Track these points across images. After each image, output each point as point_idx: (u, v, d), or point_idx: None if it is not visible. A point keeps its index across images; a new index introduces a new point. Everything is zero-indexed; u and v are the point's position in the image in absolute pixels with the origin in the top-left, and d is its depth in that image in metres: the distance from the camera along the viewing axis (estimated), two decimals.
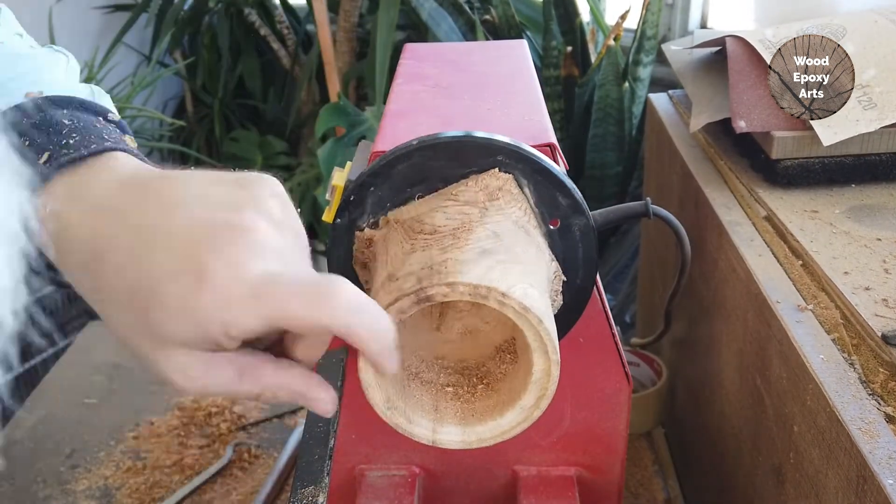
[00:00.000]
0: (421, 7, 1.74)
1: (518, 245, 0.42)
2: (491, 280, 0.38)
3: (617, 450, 0.56)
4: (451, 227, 0.41)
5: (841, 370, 0.47)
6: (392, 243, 0.43)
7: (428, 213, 0.43)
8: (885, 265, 0.56)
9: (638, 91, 1.66)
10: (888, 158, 0.68)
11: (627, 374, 0.54)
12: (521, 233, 0.43)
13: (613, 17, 1.73)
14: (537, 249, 0.43)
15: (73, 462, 0.83)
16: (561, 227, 0.45)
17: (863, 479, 0.41)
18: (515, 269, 0.39)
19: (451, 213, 0.42)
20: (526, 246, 0.42)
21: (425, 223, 0.42)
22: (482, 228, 0.41)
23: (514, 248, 0.41)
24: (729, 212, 0.67)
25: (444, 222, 0.42)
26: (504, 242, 0.41)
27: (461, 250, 0.39)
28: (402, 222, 0.43)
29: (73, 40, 1.95)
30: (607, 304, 0.52)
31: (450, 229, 0.41)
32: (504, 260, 0.40)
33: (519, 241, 0.42)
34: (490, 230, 0.41)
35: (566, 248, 0.45)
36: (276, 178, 0.40)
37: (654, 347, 0.93)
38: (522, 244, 0.42)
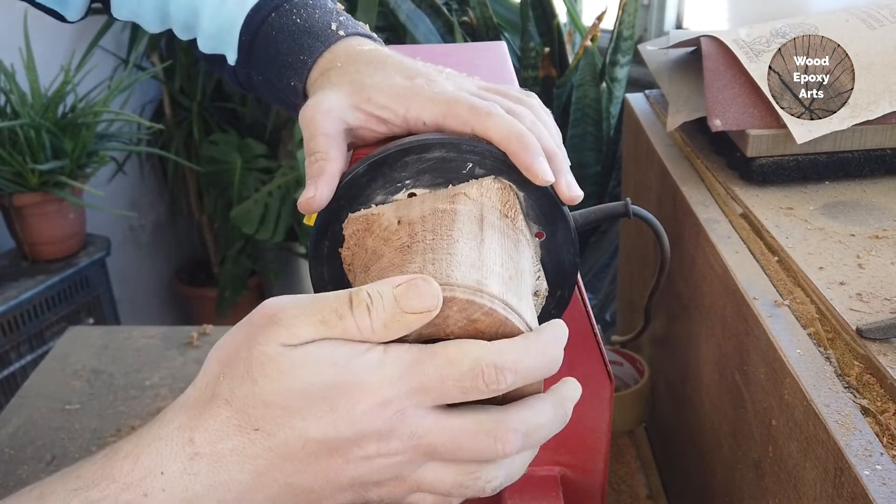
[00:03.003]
0: (399, 9, 1.74)
1: (512, 247, 0.42)
2: (482, 284, 0.38)
3: (600, 449, 0.57)
4: (439, 229, 0.41)
5: (817, 364, 0.48)
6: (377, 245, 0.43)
7: (415, 215, 0.43)
8: (859, 260, 0.57)
9: (615, 91, 1.67)
10: (860, 156, 0.69)
11: (609, 373, 0.54)
12: (511, 234, 0.43)
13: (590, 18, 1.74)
14: (529, 252, 0.44)
15: (54, 468, 0.82)
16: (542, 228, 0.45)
17: (840, 470, 0.42)
18: (506, 274, 0.40)
19: (438, 214, 0.42)
20: (520, 250, 0.42)
21: (413, 224, 0.42)
22: (474, 231, 0.41)
23: (509, 251, 0.41)
24: (706, 209, 0.68)
25: (432, 224, 0.42)
26: (498, 245, 0.41)
27: (453, 254, 0.39)
28: (388, 224, 0.43)
29: (49, 44, 1.93)
30: (588, 304, 0.52)
31: (438, 232, 0.41)
32: (499, 263, 0.40)
33: (512, 244, 0.42)
34: (481, 233, 0.41)
35: (547, 249, 0.46)
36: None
37: (635, 345, 0.94)
38: (515, 247, 0.42)
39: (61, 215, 1.76)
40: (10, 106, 1.68)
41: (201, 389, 0.35)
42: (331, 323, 0.35)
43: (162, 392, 0.94)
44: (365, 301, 0.34)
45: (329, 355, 0.34)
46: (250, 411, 0.34)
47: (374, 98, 0.47)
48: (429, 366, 0.34)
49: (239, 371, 0.35)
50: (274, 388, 0.34)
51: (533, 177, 0.42)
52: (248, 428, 0.34)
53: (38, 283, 1.69)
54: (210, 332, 1.06)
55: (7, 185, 1.67)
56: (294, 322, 0.34)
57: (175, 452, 0.34)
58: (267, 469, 0.34)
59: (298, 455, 0.34)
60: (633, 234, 1.00)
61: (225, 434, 0.34)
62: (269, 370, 0.34)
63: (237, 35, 0.56)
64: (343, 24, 0.53)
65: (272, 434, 0.34)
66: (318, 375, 0.34)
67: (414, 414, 0.34)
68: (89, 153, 1.78)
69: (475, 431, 0.35)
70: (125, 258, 2.27)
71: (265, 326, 0.35)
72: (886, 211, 0.64)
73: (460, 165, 0.43)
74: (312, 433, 0.34)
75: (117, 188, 2.20)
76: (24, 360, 1.68)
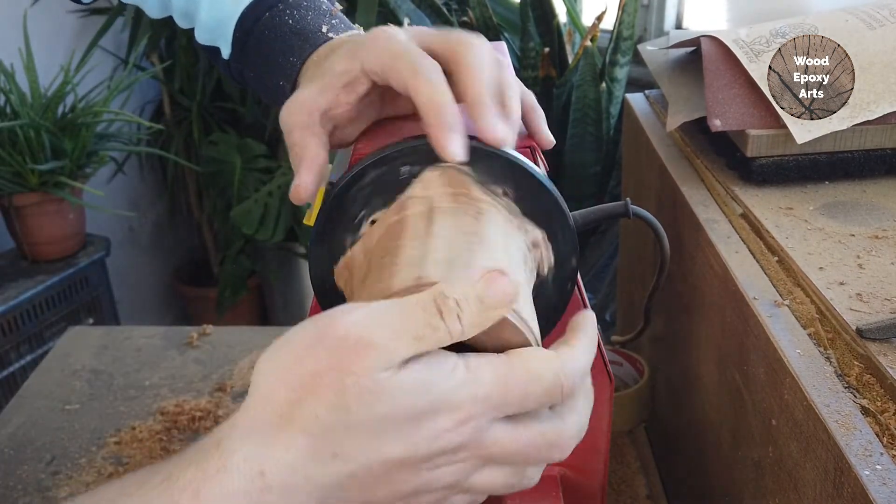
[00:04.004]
0: (399, 9, 1.74)
1: (472, 221, 0.42)
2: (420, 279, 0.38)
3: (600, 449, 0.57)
4: (391, 243, 0.41)
5: (817, 364, 0.48)
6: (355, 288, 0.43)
7: (373, 242, 0.43)
8: (859, 260, 0.57)
9: (615, 91, 1.67)
10: (860, 156, 0.69)
11: (609, 373, 0.54)
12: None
13: (590, 18, 1.74)
14: (498, 215, 0.43)
15: (53, 468, 0.82)
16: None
17: (840, 470, 0.42)
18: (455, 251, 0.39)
19: (391, 230, 0.42)
20: (483, 218, 0.42)
21: (371, 252, 0.42)
22: (420, 229, 0.41)
23: (467, 225, 0.41)
24: (706, 210, 0.68)
25: (385, 243, 0.42)
26: (450, 229, 0.41)
27: (396, 263, 0.39)
28: (359, 262, 0.43)
29: (48, 44, 1.93)
30: (588, 304, 0.52)
31: (389, 247, 0.41)
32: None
33: (471, 218, 0.42)
34: (430, 226, 0.41)
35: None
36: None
37: (635, 345, 0.94)
38: (476, 218, 0.42)
39: (61, 215, 1.76)
40: (10, 106, 1.68)
41: (266, 413, 0.33)
42: (426, 338, 0.33)
43: (162, 392, 0.94)
44: (455, 310, 0.33)
45: (423, 380, 0.33)
46: (331, 437, 0.32)
47: (334, 67, 0.47)
48: (513, 382, 0.34)
49: (326, 399, 0.32)
50: (368, 416, 0.32)
51: (440, 152, 0.41)
52: (325, 455, 0.32)
53: (37, 283, 1.69)
54: (210, 333, 1.06)
55: (7, 185, 1.67)
56: (389, 344, 0.32)
57: (244, 488, 0.32)
58: (335, 492, 0.33)
59: (372, 476, 0.33)
60: (633, 234, 1.00)
61: (300, 465, 0.32)
62: (366, 400, 0.32)
63: (232, 30, 0.57)
64: (334, 27, 0.54)
65: (353, 459, 0.33)
66: (411, 400, 0.33)
67: (487, 427, 0.34)
68: (89, 153, 1.78)
69: (541, 443, 0.36)
70: (125, 258, 2.27)
71: (358, 352, 0.32)
72: (886, 211, 0.64)
73: (396, 174, 0.43)
74: (393, 454, 0.33)
75: (117, 188, 2.20)
76: (24, 360, 1.68)
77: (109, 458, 0.84)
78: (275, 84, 0.54)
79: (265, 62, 0.55)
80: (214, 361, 1.00)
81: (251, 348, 1.03)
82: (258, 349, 1.02)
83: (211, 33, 0.59)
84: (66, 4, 2.01)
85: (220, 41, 0.59)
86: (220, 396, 0.93)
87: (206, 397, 0.93)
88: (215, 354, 1.02)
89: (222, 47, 0.59)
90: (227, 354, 1.01)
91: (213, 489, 0.31)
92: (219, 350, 1.03)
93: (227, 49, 0.58)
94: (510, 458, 0.36)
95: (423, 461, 0.34)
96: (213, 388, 0.94)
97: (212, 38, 0.59)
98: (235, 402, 0.92)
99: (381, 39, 0.45)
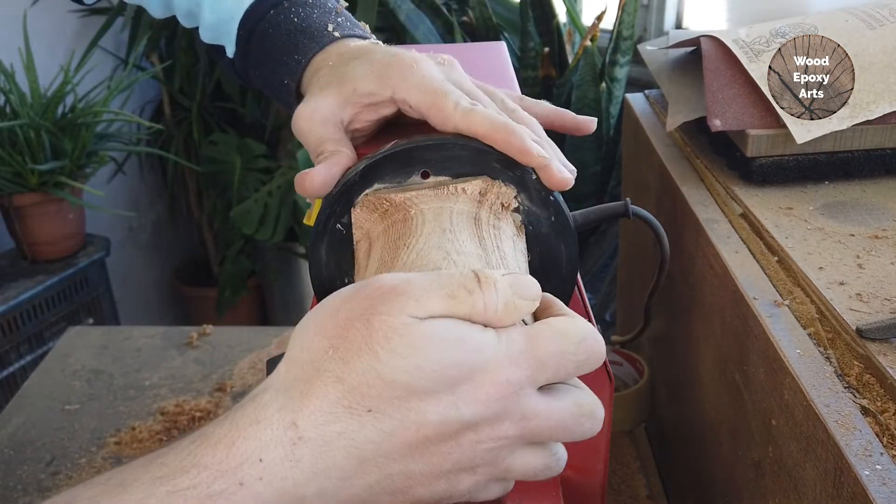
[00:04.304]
0: (399, 9, 1.74)
1: (505, 248, 0.42)
2: None
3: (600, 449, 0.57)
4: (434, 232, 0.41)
5: (817, 364, 0.48)
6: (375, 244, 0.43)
7: (428, 206, 0.43)
8: (859, 260, 0.57)
9: (615, 91, 1.67)
10: (860, 156, 0.69)
11: (609, 373, 0.54)
12: (516, 251, 0.43)
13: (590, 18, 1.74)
14: (521, 253, 0.44)
15: (53, 469, 0.82)
16: (548, 255, 0.45)
17: (840, 470, 0.42)
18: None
19: (436, 216, 0.42)
20: (513, 251, 0.43)
21: (410, 226, 0.42)
22: (469, 232, 0.41)
23: (503, 251, 0.41)
24: (706, 209, 0.68)
25: (428, 226, 0.42)
26: (492, 246, 0.41)
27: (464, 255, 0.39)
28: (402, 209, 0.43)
29: (48, 44, 1.93)
30: (588, 304, 0.52)
31: (432, 234, 0.41)
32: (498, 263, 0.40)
33: (507, 246, 0.42)
34: (478, 234, 0.41)
35: (547, 248, 0.46)
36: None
37: (635, 345, 0.94)
38: (518, 262, 0.42)
39: (61, 215, 1.76)
40: (10, 106, 1.68)
41: (301, 366, 0.32)
42: (460, 297, 0.33)
43: (162, 392, 0.94)
44: (493, 282, 0.33)
45: (457, 331, 0.32)
46: (365, 390, 0.31)
47: (359, 87, 0.47)
48: (545, 340, 0.34)
49: (356, 344, 0.32)
50: (398, 364, 0.31)
51: (528, 158, 0.42)
52: (360, 409, 0.31)
53: (37, 283, 1.69)
54: (210, 332, 1.06)
55: (7, 185, 1.67)
56: (422, 294, 0.32)
57: (276, 437, 0.31)
58: (373, 455, 0.32)
59: (411, 439, 0.32)
60: (632, 234, 1.00)
61: (334, 416, 0.31)
62: (394, 344, 0.31)
63: (236, 28, 0.57)
64: (340, 26, 0.54)
65: (388, 416, 0.31)
66: (445, 353, 0.31)
67: (528, 395, 0.34)
68: (89, 153, 1.78)
69: (578, 414, 0.35)
70: (125, 258, 2.27)
71: (389, 296, 0.32)
72: (886, 211, 0.64)
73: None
74: (431, 416, 0.32)
75: (117, 188, 2.20)
76: (24, 360, 1.68)
77: (109, 458, 0.84)
78: (279, 82, 0.54)
79: (270, 60, 0.55)
80: (214, 361, 1.00)
81: (251, 348, 1.03)
82: (258, 349, 1.02)
83: (215, 32, 0.59)
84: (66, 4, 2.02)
85: (224, 39, 0.59)
86: (220, 396, 0.93)
87: (206, 397, 0.93)
88: (215, 354, 1.02)
89: (226, 45, 0.59)
90: (227, 354, 1.02)
91: (246, 440, 0.31)
92: (219, 350, 1.03)
93: (232, 47, 0.58)
94: (552, 433, 0.35)
95: (465, 430, 0.33)
96: (213, 388, 0.94)
97: (216, 36, 0.60)
98: (235, 402, 0.92)
99: (414, 73, 0.46)
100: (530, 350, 0.33)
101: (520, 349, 0.33)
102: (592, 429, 0.36)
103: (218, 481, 0.30)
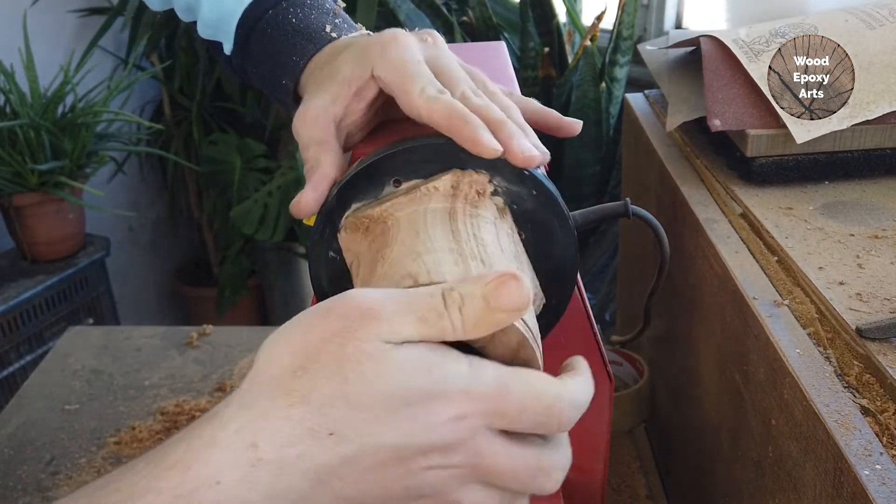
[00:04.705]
0: (398, 9, 1.74)
1: (483, 235, 0.42)
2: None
3: (600, 449, 0.57)
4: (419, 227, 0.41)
5: (817, 364, 0.48)
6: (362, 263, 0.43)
7: (402, 213, 0.43)
8: (859, 260, 0.57)
9: (615, 91, 1.67)
10: (860, 156, 0.69)
11: (609, 373, 0.54)
12: (500, 234, 0.43)
13: (589, 18, 1.74)
14: (516, 251, 0.44)
15: (53, 468, 0.82)
16: (541, 228, 0.45)
17: (840, 470, 0.42)
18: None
19: (410, 221, 0.42)
20: (494, 236, 0.42)
21: (388, 237, 0.42)
22: (442, 228, 0.41)
23: (481, 238, 0.41)
24: (705, 209, 0.68)
25: (403, 233, 0.42)
26: (467, 236, 0.41)
27: (434, 252, 0.39)
28: (380, 222, 0.43)
29: (48, 44, 1.93)
30: (588, 304, 0.52)
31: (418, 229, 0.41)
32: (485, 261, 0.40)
33: (498, 243, 0.42)
34: (452, 228, 0.41)
35: (537, 222, 0.45)
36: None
37: (635, 345, 0.94)
38: (501, 245, 0.42)
39: (61, 215, 1.76)
40: (10, 106, 1.68)
41: (266, 383, 0.32)
42: (430, 322, 0.33)
43: (161, 392, 0.94)
44: (458, 303, 0.33)
45: (425, 360, 0.32)
46: (329, 412, 0.31)
47: (344, 73, 0.47)
48: (513, 390, 0.34)
49: (327, 366, 0.31)
50: (366, 390, 0.31)
51: (480, 151, 0.41)
52: (322, 432, 0.31)
53: (37, 284, 1.69)
54: (210, 333, 1.06)
55: (7, 185, 1.67)
56: (395, 317, 0.32)
57: (234, 459, 0.30)
58: (329, 477, 0.32)
59: (367, 463, 0.32)
60: (632, 234, 1.00)
61: (296, 438, 0.31)
62: (365, 368, 0.31)
63: (234, 26, 0.57)
64: (337, 27, 0.54)
65: (349, 440, 0.31)
66: (412, 381, 0.32)
67: (483, 433, 0.34)
68: (89, 153, 1.78)
69: (536, 467, 0.35)
70: (125, 258, 2.27)
71: (362, 320, 0.32)
72: (886, 211, 0.64)
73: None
74: (388, 440, 0.32)
75: (117, 188, 2.20)
76: (24, 360, 1.68)
77: (109, 458, 0.84)
78: (278, 82, 0.54)
79: (268, 60, 0.55)
80: (214, 361, 1.00)
81: (251, 348, 1.03)
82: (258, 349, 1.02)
83: (212, 28, 0.59)
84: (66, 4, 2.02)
85: (222, 36, 0.59)
86: (220, 396, 0.93)
87: (206, 397, 0.93)
88: (215, 354, 1.02)
89: (224, 42, 0.59)
90: (227, 354, 1.02)
91: (203, 464, 0.30)
92: (219, 350, 1.03)
93: (229, 44, 0.58)
94: (504, 478, 0.35)
95: (417, 455, 0.33)
96: (212, 388, 0.94)
97: (214, 32, 0.60)
98: None
99: (394, 50, 0.46)
100: (495, 393, 0.33)
101: (484, 389, 0.33)
102: (544, 487, 0.35)
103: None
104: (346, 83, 0.47)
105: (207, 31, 0.60)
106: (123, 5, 2.04)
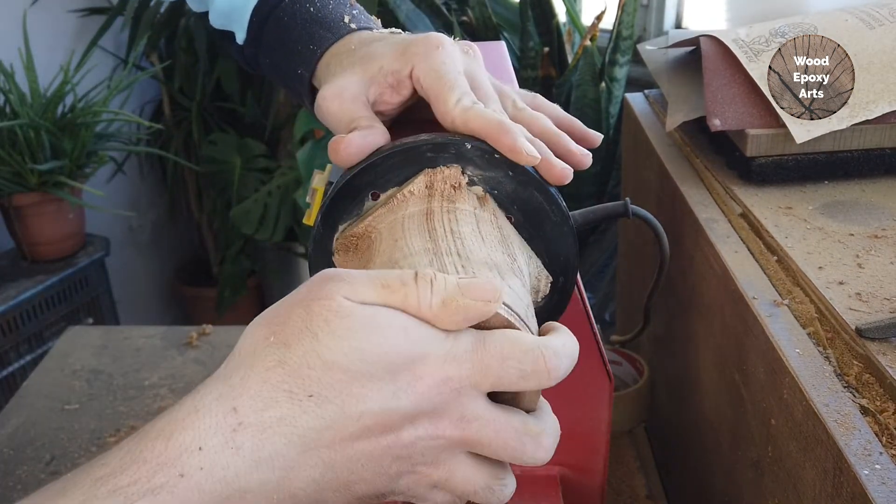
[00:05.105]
0: (398, 9, 1.74)
1: (462, 229, 0.42)
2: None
3: (600, 448, 0.57)
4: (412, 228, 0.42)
5: (817, 364, 0.48)
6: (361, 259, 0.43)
7: (383, 224, 0.43)
8: (858, 260, 0.57)
9: (614, 91, 1.67)
10: (859, 155, 0.69)
11: (609, 373, 0.54)
12: (480, 224, 0.43)
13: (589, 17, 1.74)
14: (501, 236, 0.43)
15: (53, 468, 0.82)
16: (528, 206, 0.45)
17: (839, 470, 0.42)
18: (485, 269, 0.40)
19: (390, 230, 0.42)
20: (474, 227, 0.42)
21: (372, 250, 0.42)
22: (419, 231, 0.41)
23: (459, 233, 0.41)
24: (705, 209, 0.68)
25: (384, 243, 0.42)
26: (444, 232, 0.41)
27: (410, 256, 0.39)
28: (365, 238, 0.44)
29: (48, 44, 1.93)
30: (588, 303, 0.52)
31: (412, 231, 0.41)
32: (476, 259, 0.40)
33: (479, 233, 0.42)
34: (429, 228, 0.41)
35: (522, 201, 0.45)
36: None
37: (635, 345, 0.94)
38: (482, 234, 0.42)
39: (60, 215, 1.76)
40: (10, 106, 1.68)
41: (242, 356, 0.32)
42: (393, 287, 0.33)
43: (161, 392, 0.94)
44: (429, 280, 0.33)
45: (398, 320, 0.32)
46: (306, 372, 0.31)
47: (385, 65, 0.47)
48: (492, 344, 0.34)
49: (296, 328, 0.32)
50: (338, 346, 0.31)
51: (518, 157, 0.42)
52: (301, 393, 0.31)
53: (37, 283, 1.69)
54: (210, 332, 1.06)
55: (6, 185, 1.67)
56: (356, 280, 0.33)
57: (215, 424, 0.30)
58: (315, 444, 0.31)
59: (351, 428, 0.32)
60: (632, 234, 1.00)
61: (273, 400, 0.31)
62: (334, 326, 0.31)
63: (248, 15, 0.56)
64: (356, 18, 0.53)
65: (329, 401, 0.31)
66: (387, 340, 0.32)
67: (469, 395, 0.34)
68: (88, 153, 1.78)
69: (522, 431, 0.35)
70: (124, 258, 2.27)
71: (325, 282, 0.33)
72: (885, 210, 0.64)
73: (397, 172, 0.44)
74: (371, 404, 0.32)
75: (116, 188, 2.20)
76: (24, 360, 1.68)
77: None
78: (292, 71, 0.54)
79: (283, 49, 0.54)
80: (214, 361, 1.00)
81: None
82: None
83: (226, 17, 0.59)
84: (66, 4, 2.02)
85: (235, 26, 0.58)
86: None
87: None
88: (215, 354, 1.02)
89: (237, 32, 0.58)
90: (227, 354, 1.01)
91: (185, 430, 0.30)
92: (219, 350, 1.03)
93: (242, 34, 0.57)
94: (492, 445, 0.34)
95: (404, 422, 0.33)
96: None
97: (226, 22, 0.59)
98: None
99: (434, 55, 0.46)
100: (476, 351, 0.33)
101: (464, 349, 0.33)
102: (535, 454, 0.35)
103: (158, 475, 0.30)
104: (384, 73, 0.47)
105: (220, 21, 0.59)
106: (123, 5, 2.04)
